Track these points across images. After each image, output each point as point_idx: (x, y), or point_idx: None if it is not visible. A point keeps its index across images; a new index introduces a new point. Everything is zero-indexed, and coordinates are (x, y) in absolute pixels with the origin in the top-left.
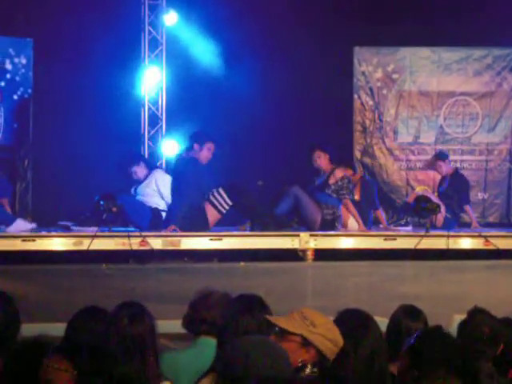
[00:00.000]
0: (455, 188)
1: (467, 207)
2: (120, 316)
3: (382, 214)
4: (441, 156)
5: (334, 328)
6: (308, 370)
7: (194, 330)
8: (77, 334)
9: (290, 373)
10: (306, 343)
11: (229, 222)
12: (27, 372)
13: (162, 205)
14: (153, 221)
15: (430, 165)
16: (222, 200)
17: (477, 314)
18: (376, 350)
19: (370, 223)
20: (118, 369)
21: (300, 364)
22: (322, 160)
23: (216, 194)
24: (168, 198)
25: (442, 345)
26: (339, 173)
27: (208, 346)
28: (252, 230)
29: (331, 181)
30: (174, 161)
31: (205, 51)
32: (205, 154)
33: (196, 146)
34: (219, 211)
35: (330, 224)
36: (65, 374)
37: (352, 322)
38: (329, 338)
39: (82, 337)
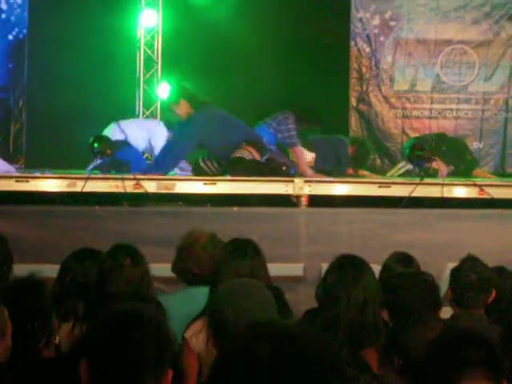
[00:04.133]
0: None
1: None
2: (120, 258)
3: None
4: None
5: None
6: None
7: (184, 280)
8: (70, 275)
9: (276, 316)
10: None
11: None
12: (19, 309)
13: None
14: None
15: None
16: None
17: (467, 262)
18: (370, 297)
19: None
20: None
21: None
22: None
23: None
24: None
25: None
26: None
27: (200, 291)
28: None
29: None
30: None
31: None
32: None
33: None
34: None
35: None
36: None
37: (347, 267)
38: None
39: (75, 278)
